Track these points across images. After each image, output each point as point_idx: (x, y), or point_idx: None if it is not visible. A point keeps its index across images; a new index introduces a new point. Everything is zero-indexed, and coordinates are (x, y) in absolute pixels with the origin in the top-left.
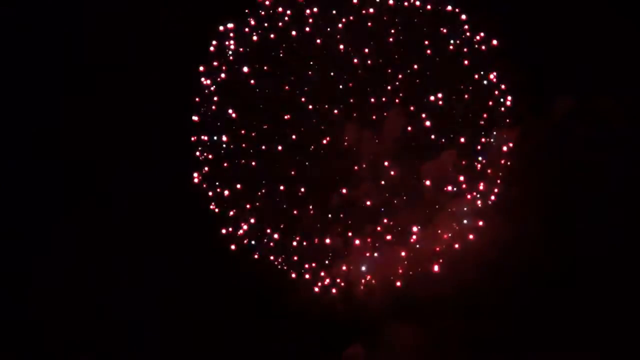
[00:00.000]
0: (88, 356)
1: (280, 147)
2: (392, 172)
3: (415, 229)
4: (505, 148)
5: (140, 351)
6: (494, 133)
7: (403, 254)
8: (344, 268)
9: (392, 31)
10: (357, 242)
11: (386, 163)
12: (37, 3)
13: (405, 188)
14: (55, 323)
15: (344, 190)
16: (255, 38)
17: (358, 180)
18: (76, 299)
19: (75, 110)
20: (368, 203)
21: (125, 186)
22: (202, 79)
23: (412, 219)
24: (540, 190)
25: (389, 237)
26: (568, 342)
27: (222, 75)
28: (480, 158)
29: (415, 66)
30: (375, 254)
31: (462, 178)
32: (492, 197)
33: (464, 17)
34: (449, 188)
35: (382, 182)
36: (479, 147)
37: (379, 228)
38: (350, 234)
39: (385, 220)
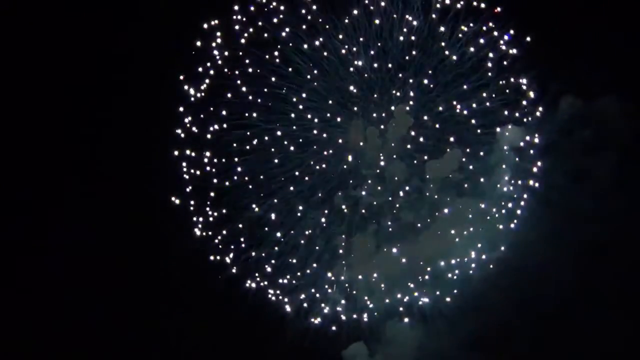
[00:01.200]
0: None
1: (276, 161)
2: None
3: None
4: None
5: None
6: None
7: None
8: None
9: (405, 29)
10: (360, 277)
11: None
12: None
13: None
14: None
15: (344, 207)
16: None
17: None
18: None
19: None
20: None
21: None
22: (186, 87)
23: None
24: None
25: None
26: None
27: (207, 81)
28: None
29: (430, 71)
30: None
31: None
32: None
33: (498, 9)
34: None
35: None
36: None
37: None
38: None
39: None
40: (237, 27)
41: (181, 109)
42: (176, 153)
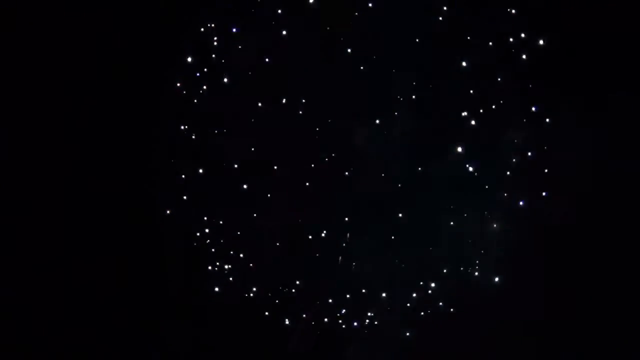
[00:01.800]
0: None
1: (275, 167)
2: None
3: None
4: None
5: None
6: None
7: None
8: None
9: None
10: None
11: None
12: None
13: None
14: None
15: (344, 210)
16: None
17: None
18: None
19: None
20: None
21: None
22: (184, 92)
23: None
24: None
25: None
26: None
27: (204, 87)
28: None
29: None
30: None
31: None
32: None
33: (514, 11)
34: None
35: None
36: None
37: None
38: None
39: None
40: (234, 29)
41: (178, 114)
42: (172, 160)
